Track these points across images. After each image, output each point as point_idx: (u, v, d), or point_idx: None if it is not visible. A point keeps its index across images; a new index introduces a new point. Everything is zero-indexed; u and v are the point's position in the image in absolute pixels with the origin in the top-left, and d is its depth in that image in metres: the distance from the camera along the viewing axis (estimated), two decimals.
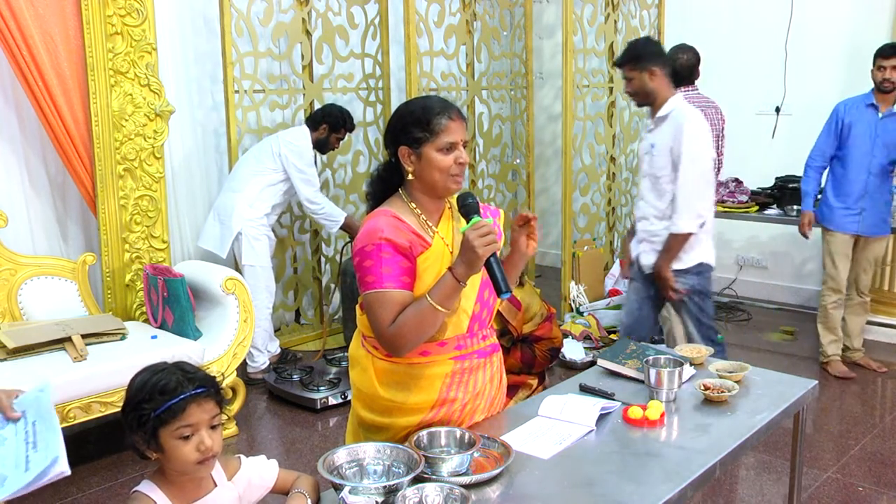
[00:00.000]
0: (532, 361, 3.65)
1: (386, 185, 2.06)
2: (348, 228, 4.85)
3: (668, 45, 6.08)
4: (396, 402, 2.01)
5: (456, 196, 1.98)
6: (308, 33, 5.08)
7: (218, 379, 1.65)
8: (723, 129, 4.56)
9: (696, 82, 4.65)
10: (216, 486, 1.66)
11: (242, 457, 1.74)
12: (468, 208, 1.90)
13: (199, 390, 1.55)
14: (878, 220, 4.48)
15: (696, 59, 4.51)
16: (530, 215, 1.98)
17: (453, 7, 5.73)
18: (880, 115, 4.39)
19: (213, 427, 1.58)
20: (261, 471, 1.73)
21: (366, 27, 5.31)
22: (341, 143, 4.87)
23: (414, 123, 1.94)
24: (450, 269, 1.85)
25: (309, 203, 4.66)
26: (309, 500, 1.69)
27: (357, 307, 2.08)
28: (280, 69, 5.10)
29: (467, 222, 1.86)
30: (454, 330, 2.00)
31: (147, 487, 1.60)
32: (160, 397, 1.53)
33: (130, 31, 3.82)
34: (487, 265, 1.83)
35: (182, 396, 1.53)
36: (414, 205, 2.00)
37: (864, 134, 4.41)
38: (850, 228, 4.49)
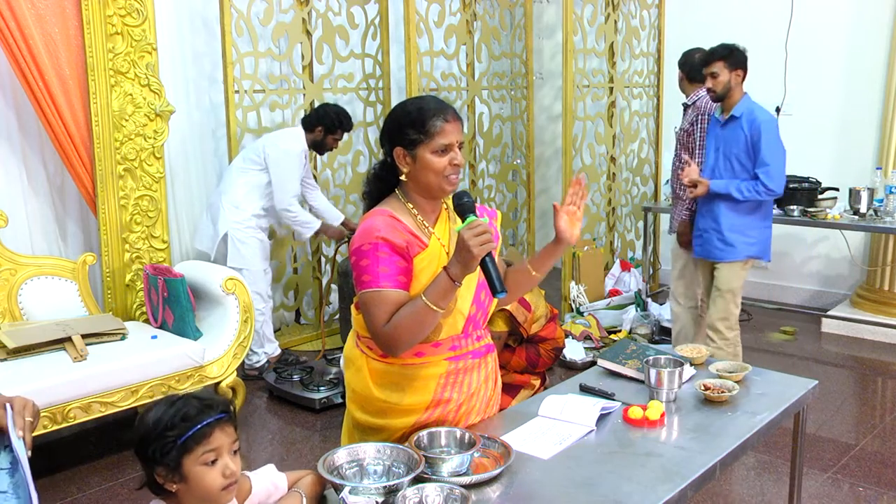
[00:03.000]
0: (537, 361, 3.67)
1: (382, 184, 2.05)
2: (325, 231, 4.82)
3: (668, 45, 6.14)
4: (391, 402, 2.01)
5: (451, 195, 1.97)
6: (308, 33, 5.08)
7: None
8: None
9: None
10: None
11: (250, 475, 1.72)
12: (463, 207, 1.89)
13: (221, 416, 1.55)
14: (718, 242, 3.92)
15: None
16: (581, 184, 2.01)
17: (453, 7, 5.73)
18: (721, 124, 3.95)
19: (234, 453, 1.57)
20: (269, 490, 1.71)
21: (366, 27, 5.31)
22: (339, 143, 4.80)
23: (409, 125, 1.93)
24: (445, 268, 1.84)
25: (284, 210, 4.53)
26: (304, 500, 1.69)
27: (352, 306, 2.07)
28: (280, 69, 5.10)
29: (462, 221, 1.86)
30: (449, 331, 2.00)
31: None
32: (183, 424, 1.51)
33: (130, 31, 3.82)
34: (482, 265, 1.82)
35: (207, 421, 1.52)
36: (411, 205, 2.00)
37: (709, 147, 4.04)
38: (692, 250, 4.13)
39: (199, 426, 1.51)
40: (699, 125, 4.35)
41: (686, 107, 4.59)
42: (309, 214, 4.70)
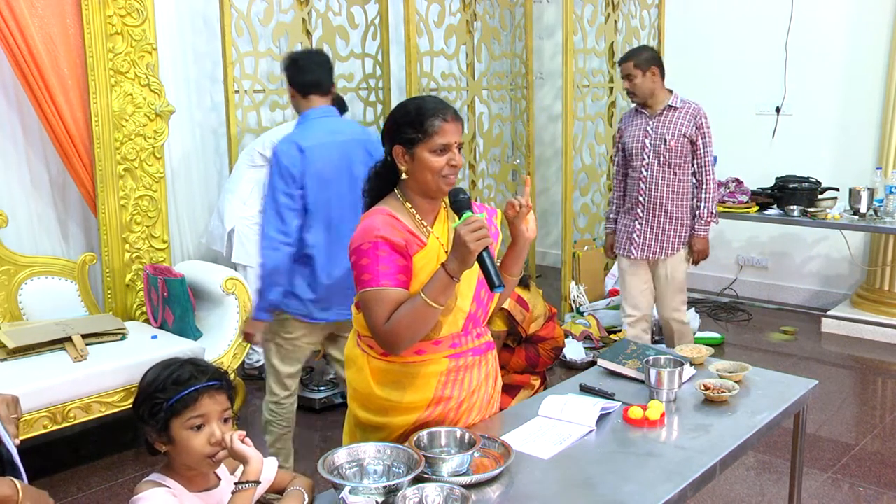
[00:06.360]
0: (536, 361, 3.67)
1: (382, 181, 2.06)
2: None
3: (668, 45, 6.14)
4: (392, 400, 2.02)
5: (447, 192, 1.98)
6: (308, 33, 5.08)
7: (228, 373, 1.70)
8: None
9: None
10: (219, 480, 1.70)
11: None
12: (459, 204, 1.90)
13: (212, 383, 1.61)
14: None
15: None
16: (521, 202, 1.98)
17: (453, 7, 5.72)
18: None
19: (224, 420, 1.63)
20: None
21: (366, 27, 5.31)
22: None
23: (408, 123, 1.95)
24: (442, 264, 1.85)
25: None
26: (306, 499, 1.71)
27: (353, 306, 2.08)
28: (280, 69, 5.09)
29: (459, 218, 1.87)
30: (449, 328, 2.01)
31: (157, 477, 1.64)
32: (174, 387, 1.58)
33: (130, 31, 3.82)
34: (480, 260, 1.83)
35: (195, 387, 1.59)
36: (409, 204, 2.00)
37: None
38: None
39: (187, 391, 1.58)
40: (705, 131, 3.92)
41: (671, 108, 3.95)
42: None
